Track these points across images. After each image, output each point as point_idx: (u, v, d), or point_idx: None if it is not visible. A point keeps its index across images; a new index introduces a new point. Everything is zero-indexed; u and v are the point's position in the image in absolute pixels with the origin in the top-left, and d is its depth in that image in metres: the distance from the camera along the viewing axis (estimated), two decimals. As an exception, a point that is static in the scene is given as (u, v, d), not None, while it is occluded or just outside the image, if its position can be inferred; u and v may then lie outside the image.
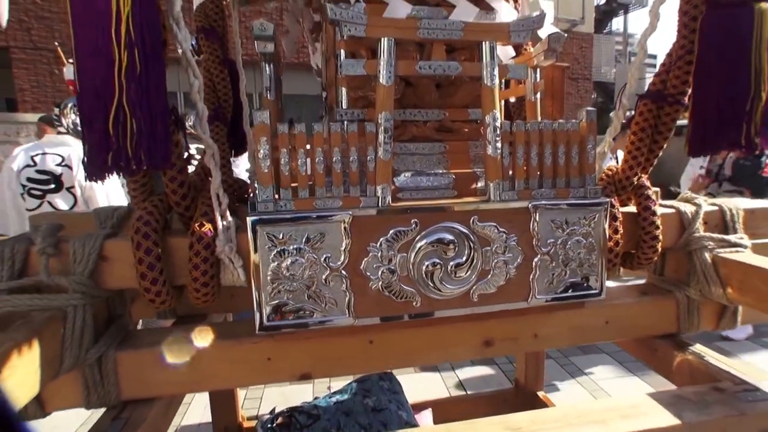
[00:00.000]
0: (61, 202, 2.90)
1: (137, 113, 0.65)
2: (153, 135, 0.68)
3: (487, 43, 0.91)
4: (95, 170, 0.67)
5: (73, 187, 2.92)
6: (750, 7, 0.84)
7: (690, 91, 0.99)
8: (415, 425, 1.65)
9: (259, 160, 0.83)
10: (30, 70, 6.67)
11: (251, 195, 0.93)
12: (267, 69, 1.06)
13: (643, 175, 1.16)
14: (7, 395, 0.30)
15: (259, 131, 0.82)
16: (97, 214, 1.03)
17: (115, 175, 0.70)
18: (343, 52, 0.96)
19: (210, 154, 0.86)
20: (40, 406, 0.82)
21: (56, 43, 5.44)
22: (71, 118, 2.88)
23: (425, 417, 1.88)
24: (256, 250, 0.84)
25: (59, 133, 3.01)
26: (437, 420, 1.89)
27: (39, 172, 2.81)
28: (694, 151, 0.99)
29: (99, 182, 0.69)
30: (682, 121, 1.02)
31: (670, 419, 0.86)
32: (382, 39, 0.86)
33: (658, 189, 1.21)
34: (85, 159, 0.68)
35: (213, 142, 0.85)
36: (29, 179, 2.80)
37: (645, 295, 1.25)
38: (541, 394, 2.13)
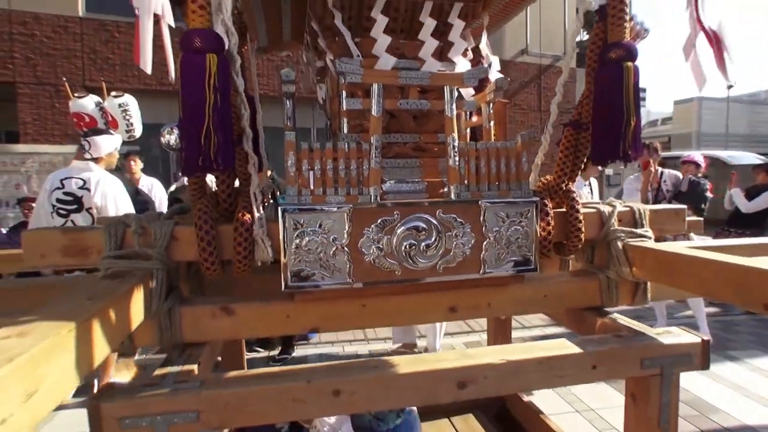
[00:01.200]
0: (81, 221, 3.21)
1: (217, 133, 1.01)
2: (225, 148, 1.04)
3: (448, 86, 1.30)
4: (190, 169, 1.03)
5: (91, 208, 3.23)
6: (621, 65, 1.24)
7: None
8: None
9: (288, 167, 1.19)
10: (33, 104, 7.00)
11: (279, 193, 1.28)
12: (288, 104, 1.43)
13: (570, 183, 1.54)
14: None
15: (288, 147, 1.19)
16: (146, 215, 1.37)
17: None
18: (344, 92, 1.35)
19: (252, 163, 1.22)
20: (131, 342, 1.14)
21: (64, 79, 5.82)
22: (168, 137, 3.27)
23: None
24: (284, 231, 1.19)
25: (85, 159, 3.34)
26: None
27: (65, 194, 3.14)
28: (595, 162, 1.39)
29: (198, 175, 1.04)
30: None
31: (576, 349, 1.22)
32: (374, 84, 1.24)
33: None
34: (182, 163, 1.03)
35: (254, 155, 1.21)
36: (58, 200, 3.13)
37: (576, 276, 1.62)
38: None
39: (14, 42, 6.84)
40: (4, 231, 5.32)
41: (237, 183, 1.39)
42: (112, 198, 3.19)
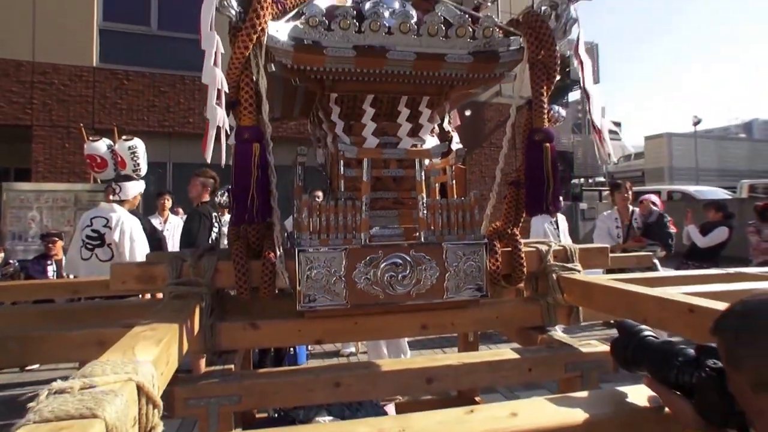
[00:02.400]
0: (102, 254, 3.66)
1: (259, 198, 1.48)
2: (263, 207, 1.51)
3: (418, 159, 1.79)
4: (240, 221, 1.50)
5: (110, 243, 3.68)
6: (542, 145, 1.74)
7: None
8: (384, 412, 2.36)
9: (302, 219, 1.65)
10: (45, 144, 7.48)
11: (295, 236, 1.74)
12: (299, 169, 1.91)
13: (515, 228, 2.01)
14: None
15: (303, 204, 1.65)
16: (186, 251, 1.81)
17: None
18: (342, 161, 1.82)
19: (276, 215, 1.68)
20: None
21: (81, 124, 6.32)
22: (221, 198, 3.75)
23: (390, 408, 2.58)
24: (299, 265, 1.63)
25: (111, 201, 3.81)
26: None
27: (92, 231, 3.60)
28: (529, 214, 1.87)
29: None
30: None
31: (516, 356, 1.66)
32: (365, 159, 1.72)
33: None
34: (233, 217, 1.50)
35: (277, 208, 1.68)
36: (87, 236, 3.58)
37: (523, 301, 2.07)
38: (477, 398, 2.86)
39: (34, 89, 7.41)
40: (15, 263, 5.67)
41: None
42: (128, 236, 3.67)
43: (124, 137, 5.81)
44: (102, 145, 5.82)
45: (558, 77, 1.80)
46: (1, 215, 5.59)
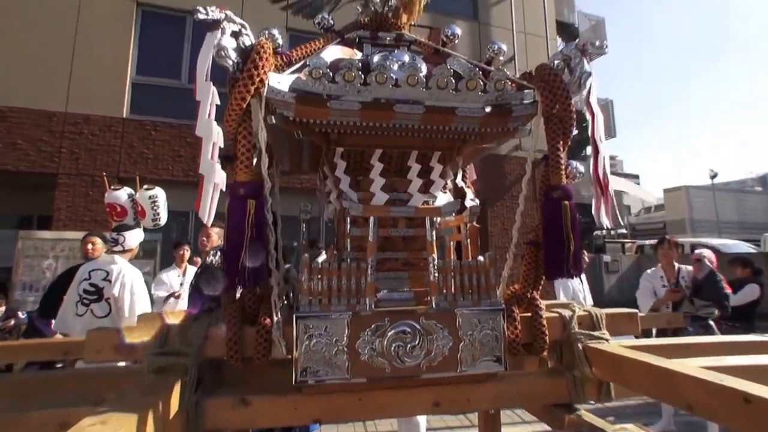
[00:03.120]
0: (99, 310, 3.50)
1: (251, 260, 1.36)
2: (256, 270, 1.38)
3: (429, 218, 1.66)
4: (230, 285, 1.37)
5: (109, 298, 3.53)
6: (560, 203, 1.60)
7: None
8: None
9: (302, 281, 1.52)
10: (69, 192, 7.65)
11: (294, 299, 1.60)
12: (304, 227, 1.79)
13: (534, 292, 1.83)
14: None
15: (304, 265, 1.52)
16: (179, 313, 1.69)
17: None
18: (348, 219, 1.71)
19: (273, 277, 1.55)
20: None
21: (104, 173, 6.44)
22: (212, 258, 3.59)
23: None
24: (297, 334, 1.49)
25: (113, 252, 3.73)
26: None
27: (90, 284, 3.48)
28: (549, 277, 1.70)
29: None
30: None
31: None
32: (371, 216, 1.60)
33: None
34: (225, 281, 1.37)
35: (275, 269, 1.55)
36: (84, 290, 3.46)
37: (546, 374, 1.86)
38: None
39: (64, 139, 7.68)
40: (22, 315, 5.59)
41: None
42: (128, 289, 3.50)
43: (145, 186, 5.89)
44: (123, 194, 5.89)
45: (575, 132, 1.69)
46: (14, 264, 5.59)
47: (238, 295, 1.67)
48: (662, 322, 3.64)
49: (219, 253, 4.24)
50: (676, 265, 4.78)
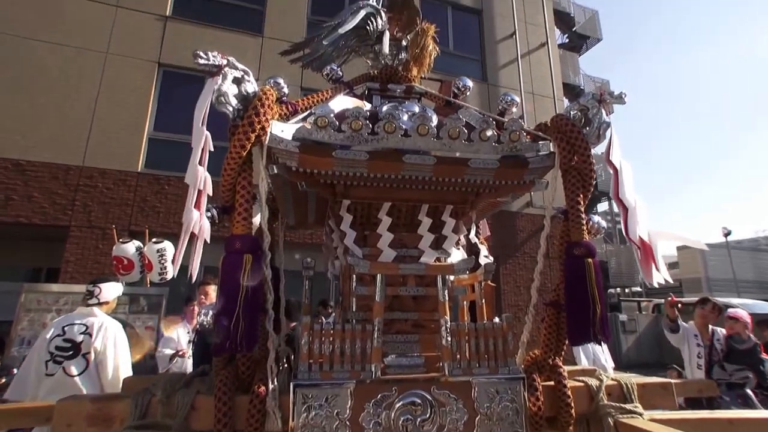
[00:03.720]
0: (74, 368, 3.07)
1: (246, 321, 1.24)
2: (250, 333, 1.26)
3: (441, 276, 1.54)
4: (220, 350, 1.24)
5: (88, 352, 3.15)
6: (583, 261, 1.48)
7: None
8: None
9: (302, 345, 1.39)
10: (79, 244, 7.64)
11: (294, 364, 1.45)
12: (306, 284, 1.68)
13: (557, 359, 1.67)
14: None
15: (304, 328, 1.40)
16: (169, 378, 1.54)
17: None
18: (353, 277, 1.59)
19: (271, 340, 1.42)
20: None
21: (113, 226, 6.45)
22: (203, 318, 3.31)
23: None
24: (294, 404, 1.34)
25: (89, 305, 3.48)
26: None
27: (65, 340, 3.07)
28: (573, 343, 1.54)
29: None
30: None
31: None
32: (378, 274, 1.49)
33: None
34: (215, 345, 1.25)
35: (275, 334, 1.42)
36: (57, 347, 3.09)
37: (576, 454, 1.65)
38: None
39: (78, 191, 7.78)
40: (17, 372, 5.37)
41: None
42: (111, 343, 3.11)
43: (153, 240, 5.84)
44: (131, 247, 5.82)
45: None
46: (15, 318, 5.45)
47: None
48: (693, 390, 3.36)
49: (211, 313, 3.90)
50: (710, 327, 4.46)
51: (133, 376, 1.99)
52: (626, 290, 17.26)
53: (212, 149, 1.42)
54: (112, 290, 3.56)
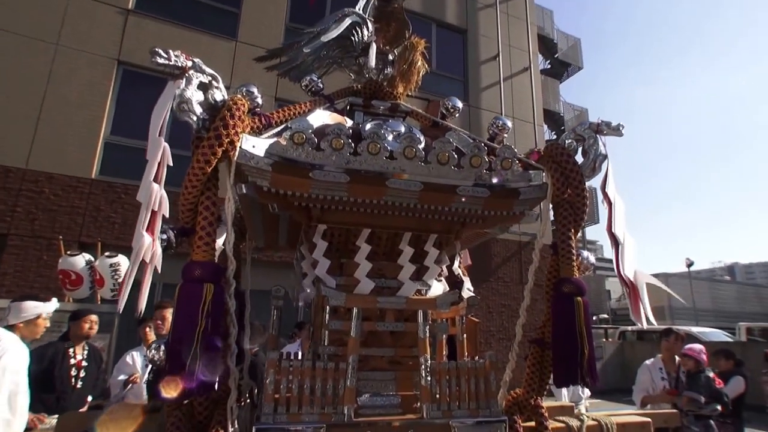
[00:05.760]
0: None
1: (203, 360, 1.09)
2: (209, 373, 1.11)
3: (422, 311, 1.43)
4: (171, 391, 1.08)
5: None
6: (572, 299, 1.41)
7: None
8: None
9: (267, 385, 1.24)
10: (20, 255, 7.06)
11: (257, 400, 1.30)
12: (274, 314, 1.53)
13: (539, 398, 1.59)
14: None
15: (270, 365, 1.25)
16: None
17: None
18: (328, 308, 1.46)
19: (232, 378, 1.27)
20: None
21: (60, 237, 6.00)
22: (154, 353, 2.75)
23: None
24: (255, 452, 1.18)
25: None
26: None
27: None
28: (559, 384, 1.46)
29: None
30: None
31: None
32: (354, 308, 1.37)
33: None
34: (164, 382, 1.09)
35: (236, 368, 1.27)
36: None
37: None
38: None
39: (20, 197, 7.15)
40: None
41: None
42: (10, 371, 2.62)
43: (107, 254, 5.41)
44: (80, 261, 5.36)
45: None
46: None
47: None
48: (660, 420, 3.36)
49: (163, 348, 3.31)
50: (677, 358, 4.51)
51: (72, 413, 1.77)
52: (594, 317, 17.69)
53: (171, 164, 1.27)
54: (24, 310, 3.06)
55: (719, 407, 4.06)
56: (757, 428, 5.98)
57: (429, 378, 1.38)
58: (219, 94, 1.29)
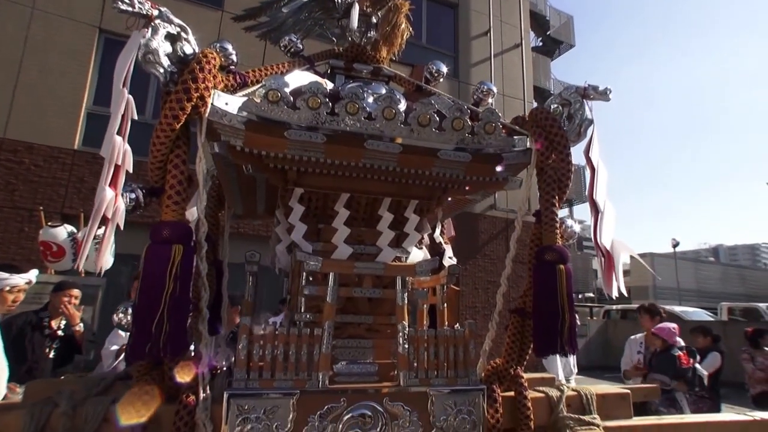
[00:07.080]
0: None
1: (171, 323, 1.05)
2: (176, 336, 1.07)
3: (400, 277, 1.40)
4: (135, 355, 1.04)
5: None
6: (555, 267, 1.38)
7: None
8: None
9: (239, 350, 1.21)
10: (0, 227, 6.96)
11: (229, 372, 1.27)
12: (250, 280, 1.50)
13: (518, 368, 1.58)
14: None
15: (242, 330, 1.22)
16: (85, 381, 1.33)
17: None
18: (305, 274, 1.43)
19: (204, 343, 1.23)
20: None
21: (40, 208, 5.88)
22: (121, 316, 2.63)
23: None
24: (227, 417, 1.16)
25: None
26: None
27: None
28: (539, 354, 1.45)
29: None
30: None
31: None
32: (330, 273, 1.33)
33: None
34: (129, 347, 1.05)
35: (208, 335, 1.23)
36: None
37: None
38: None
39: (-1, 167, 7.01)
40: None
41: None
42: None
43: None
44: (62, 232, 5.24)
45: None
46: None
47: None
48: (640, 395, 3.44)
49: (129, 310, 3.21)
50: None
51: (41, 380, 1.73)
52: (579, 296, 17.91)
53: (135, 117, 1.21)
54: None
55: (669, 381, 4.29)
56: (735, 404, 6.16)
57: (407, 345, 1.35)
58: (189, 47, 1.23)
